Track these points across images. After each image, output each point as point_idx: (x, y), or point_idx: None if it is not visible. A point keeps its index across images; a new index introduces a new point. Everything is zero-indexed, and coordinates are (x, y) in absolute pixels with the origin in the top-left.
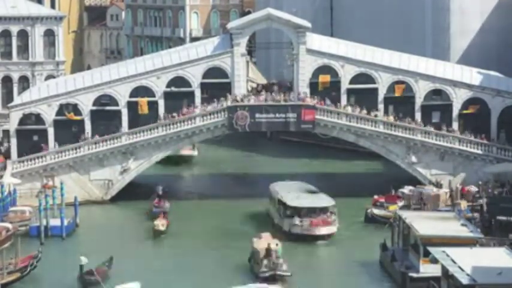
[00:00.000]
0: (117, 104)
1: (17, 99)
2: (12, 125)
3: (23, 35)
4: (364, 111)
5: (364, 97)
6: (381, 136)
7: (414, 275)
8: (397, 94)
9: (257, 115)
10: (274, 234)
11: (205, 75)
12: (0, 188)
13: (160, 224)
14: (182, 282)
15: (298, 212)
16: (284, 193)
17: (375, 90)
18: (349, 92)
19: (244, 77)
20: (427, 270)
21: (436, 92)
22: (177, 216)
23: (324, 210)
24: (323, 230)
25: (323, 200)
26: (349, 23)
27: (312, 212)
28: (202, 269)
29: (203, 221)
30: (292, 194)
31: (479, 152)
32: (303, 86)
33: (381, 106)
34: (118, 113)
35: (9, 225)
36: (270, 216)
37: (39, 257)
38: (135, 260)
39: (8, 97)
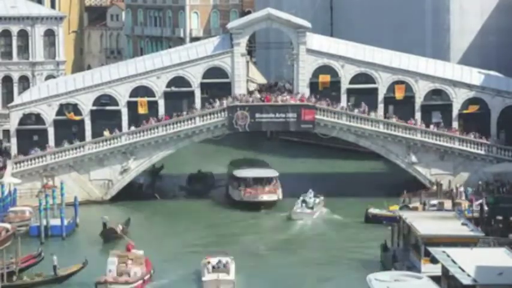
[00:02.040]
0: (117, 104)
1: (17, 99)
2: (13, 124)
3: (23, 35)
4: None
5: (364, 97)
6: (380, 136)
7: None
8: (398, 97)
9: (257, 115)
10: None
11: (205, 75)
12: (0, 188)
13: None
14: None
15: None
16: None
17: (375, 90)
18: (349, 92)
19: (244, 77)
20: (429, 270)
21: (436, 92)
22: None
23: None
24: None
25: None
26: (349, 23)
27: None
28: None
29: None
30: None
31: (479, 152)
32: (303, 86)
33: (380, 106)
34: (118, 113)
35: (8, 226)
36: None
37: (42, 256)
38: None
39: (8, 97)
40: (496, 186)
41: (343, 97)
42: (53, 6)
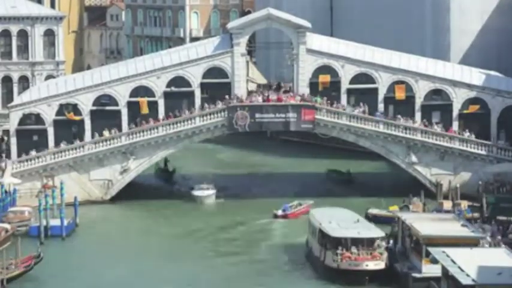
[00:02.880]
0: (117, 104)
1: (17, 99)
2: (12, 125)
3: (23, 35)
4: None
5: (364, 97)
6: (380, 136)
7: (417, 275)
8: (398, 97)
9: (257, 115)
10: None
11: (205, 75)
12: (0, 188)
13: None
14: None
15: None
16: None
17: (375, 90)
18: (349, 92)
19: (244, 77)
20: (430, 270)
21: (436, 92)
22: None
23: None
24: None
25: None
26: (349, 23)
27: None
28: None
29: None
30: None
31: (480, 152)
32: (303, 86)
33: (381, 106)
34: (118, 113)
35: (8, 226)
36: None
37: (41, 257)
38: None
39: (8, 97)
40: (496, 186)
41: (343, 97)
42: (52, 6)
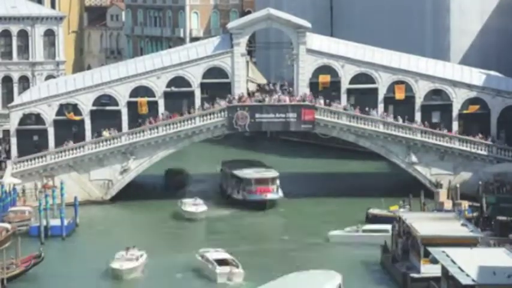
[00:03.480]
0: (117, 104)
1: (17, 99)
2: (13, 125)
3: (23, 35)
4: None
5: (364, 97)
6: (380, 136)
7: (415, 275)
8: (398, 97)
9: (257, 115)
10: None
11: (205, 75)
12: (0, 188)
13: None
14: None
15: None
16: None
17: (375, 90)
18: (349, 92)
19: (244, 77)
20: (428, 270)
21: (436, 92)
22: None
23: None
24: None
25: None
26: (349, 23)
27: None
28: None
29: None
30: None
31: (480, 152)
32: (303, 86)
33: (380, 106)
34: (118, 113)
35: (8, 226)
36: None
37: (42, 257)
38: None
39: (8, 97)
40: (496, 186)
41: (343, 97)
42: (53, 6)
